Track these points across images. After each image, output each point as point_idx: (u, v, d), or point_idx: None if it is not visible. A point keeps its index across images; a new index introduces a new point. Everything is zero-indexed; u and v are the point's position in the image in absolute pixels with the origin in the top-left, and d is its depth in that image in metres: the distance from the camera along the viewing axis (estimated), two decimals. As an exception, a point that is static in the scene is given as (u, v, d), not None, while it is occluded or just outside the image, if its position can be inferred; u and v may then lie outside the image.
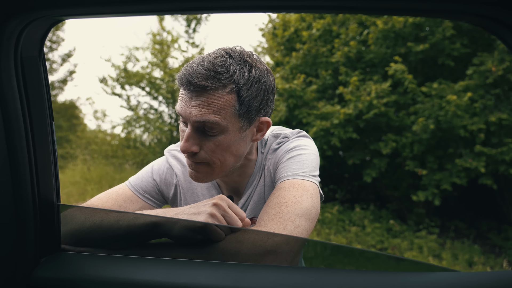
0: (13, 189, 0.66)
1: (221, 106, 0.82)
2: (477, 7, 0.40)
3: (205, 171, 0.90)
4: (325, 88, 6.22)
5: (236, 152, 0.90)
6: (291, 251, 0.76)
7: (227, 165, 0.91)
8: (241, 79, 0.83)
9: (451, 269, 0.65)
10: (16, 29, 0.58)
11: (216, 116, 0.82)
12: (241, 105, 0.84)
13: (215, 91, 0.81)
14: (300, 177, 0.90)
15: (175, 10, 0.62)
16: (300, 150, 0.97)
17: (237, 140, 0.88)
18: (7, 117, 0.63)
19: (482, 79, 4.69)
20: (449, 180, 4.79)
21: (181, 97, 0.86)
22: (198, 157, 0.88)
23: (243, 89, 0.84)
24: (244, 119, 0.87)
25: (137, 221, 0.76)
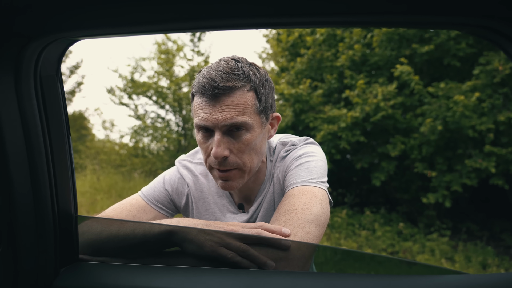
0: (34, 203, 0.68)
1: (245, 105, 0.87)
2: (478, 20, 0.42)
3: (236, 176, 0.93)
4: (331, 92, 6.23)
5: (260, 150, 0.94)
6: (302, 257, 0.77)
7: (254, 165, 0.94)
8: (255, 78, 0.90)
9: (462, 272, 0.66)
10: (36, 50, 0.61)
11: (243, 116, 0.87)
12: (260, 102, 0.91)
13: (238, 91, 0.87)
14: (309, 184, 0.92)
15: (183, 29, 0.65)
16: (308, 157, 0.98)
17: (260, 137, 0.93)
18: (28, 134, 0.66)
19: (489, 79, 4.67)
20: (459, 181, 4.75)
21: (201, 107, 0.88)
22: (229, 163, 0.90)
23: (259, 87, 0.91)
24: (263, 115, 0.93)
25: (152, 230, 0.79)
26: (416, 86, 5.03)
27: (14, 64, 0.61)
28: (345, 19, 0.53)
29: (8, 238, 0.68)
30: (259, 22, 0.60)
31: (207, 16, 0.59)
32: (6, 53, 0.60)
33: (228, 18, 0.60)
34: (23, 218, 0.68)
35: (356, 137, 5.33)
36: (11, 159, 0.65)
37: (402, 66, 5.06)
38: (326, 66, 6.17)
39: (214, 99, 0.86)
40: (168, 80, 9.28)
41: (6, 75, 0.61)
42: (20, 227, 0.68)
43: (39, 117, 0.66)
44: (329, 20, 0.55)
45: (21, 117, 0.64)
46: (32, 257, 0.70)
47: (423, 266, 1.13)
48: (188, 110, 9.46)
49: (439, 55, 5.24)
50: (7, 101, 0.62)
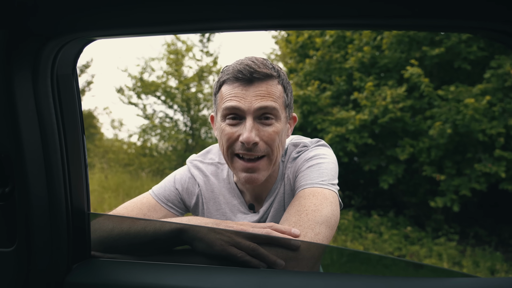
0: (49, 200, 0.70)
1: (277, 94, 0.92)
2: (489, 23, 0.42)
3: (264, 167, 0.94)
4: (339, 94, 6.21)
5: (283, 144, 0.97)
6: (312, 258, 0.77)
7: (279, 157, 0.96)
8: (283, 75, 0.96)
9: (471, 274, 0.66)
10: (53, 50, 0.63)
11: (276, 102, 0.91)
12: (287, 97, 0.96)
13: (272, 80, 0.92)
14: (319, 186, 0.92)
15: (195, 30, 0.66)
16: (319, 159, 0.99)
17: (284, 130, 0.96)
18: (44, 131, 0.67)
19: (500, 82, 4.61)
20: (468, 186, 4.70)
21: (234, 93, 0.91)
22: (259, 149, 0.92)
23: (285, 83, 0.97)
24: (288, 110, 0.98)
25: (162, 228, 0.80)
26: (426, 88, 4.99)
27: (32, 63, 0.63)
28: (356, 21, 0.53)
29: (23, 234, 0.69)
30: (269, 24, 0.60)
31: (220, 18, 0.60)
32: (25, 52, 0.61)
33: (239, 19, 0.60)
34: (38, 214, 0.69)
35: (364, 140, 5.30)
36: (27, 156, 0.66)
37: (412, 68, 5.02)
38: (335, 68, 6.16)
39: (250, 84, 0.90)
40: (177, 80, 9.34)
41: (24, 74, 0.63)
42: (34, 224, 0.69)
43: (55, 115, 0.68)
44: (341, 23, 0.55)
45: (38, 115, 0.66)
46: (45, 253, 0.72)
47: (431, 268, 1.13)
48: (196, 111, 9.50)
49: (450, 58, 5.20)
50: (24, 99, 0.64)
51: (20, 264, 0.71)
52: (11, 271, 0.71)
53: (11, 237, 0.70)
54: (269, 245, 0.75)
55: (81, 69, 14.87)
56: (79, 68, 14.83)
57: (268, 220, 1.04)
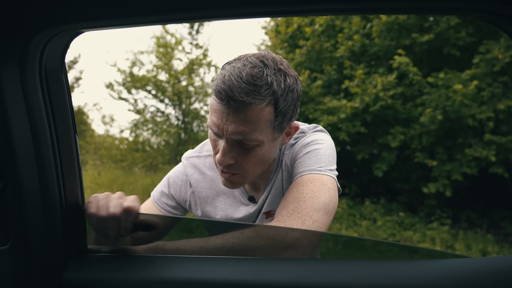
0: (42, 196, 0.69)
1: (258, 121, 0.82)
2: (483, 5, 0.42)
3: (238, 180, 0.92)
4: (331, 83, 6.21)
5: (268, 160, 0.92)
6: (310, 245, 0.78)
7: (257, 172, 0.92)
8: (278, 89, 0.82)
9: (463, 255, 0.67)
10: (41, 43, 0.62)
11: (254, 133, 0.82)
12: (277, 117, 0.84)
13: (255, 106, 0.80)
14: (317, 172, 0.91)
15: (186, 19, 0.65)
16: (317, 144, 0.97)
17: (270, 149, 0.89)
18: (34, 127, 0.66)
19: (489, 67, 4.66)
20: (459, 170, 4.77)
21: (216, 110, 0.83)
22: (232, 168, 0.89)
23: (280, 100, 0.83)
24: (278, 130, 0.87)
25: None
26: (415, 77, 5.02)
27: (19, 57, 0.62)
28: (345, 5, 0.53)
29: (18, 232, 0.69)
30: (258, 11, 0.60)
31: (211, 6, 0.59)
32: (12, 46, 0.60)
33: (230, 7, 0.60)
34: (32, 211, 0.69)
35: (356, 128, 5.33)
36: (19, 153, 0.65)
37: (400, 57, 5.04)
38: (325, 57, 6.15)
39: (228, 109, 0.81)
40: (167, 73, 9.26)
41: (11, 69, 0.62)
42: (29, 220, 0.69)
43: (45, 110, 0.67)
44: (330, 7, 0.55)
45: (27, 110, 0.65)
46: (41, 250, 0.71)
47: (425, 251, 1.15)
48: (187, 104, 9.44)
49: (439, 44, 5.22)
50: (13, 95, 0.63)
51: (16, 261, 0.70)
52: (7, 269, 0.70)
53: (6, 235, 0.70)
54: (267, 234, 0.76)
55: (69, 65, 14.65)
56: (67, 64, 14.58)
57: (265, 206, 1.03)
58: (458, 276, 0.60)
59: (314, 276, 0.62)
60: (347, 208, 5.64)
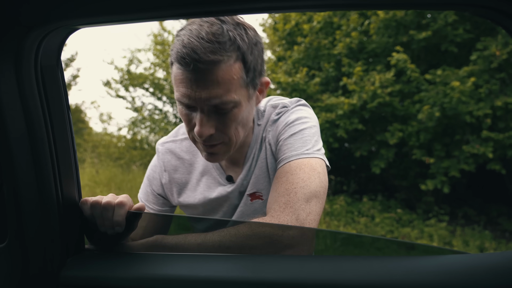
0: (39, 194, 0.69)
1: (230, 80, 0.77)
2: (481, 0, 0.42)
3: (222, 150, 0.87)
4: (328, 80, 6.21)
5: (247, 122, 0.88)
6: (307, 241, 0.78)
7: (240, 138, 0.88)
8: (242, 44, 0.78)
9: (461, 251, 0.67)
10: (36, 40, 0.61)
11: (229, 93, 0.78)
12: (248, 72, 0.80)
13: (223, 64, 0.75)
14: (305, 156, 0.86)
15: (185, 15, 0.64)
16: (302, 124, 0.92)
17: (247, 109, 0.85)
18: (30, 124, 0.66)
19: (486, 64, 4.66)
20: (457, 167, 4.78)
21: (183, 80, 0.78)
22: (214, 139, 0.84)
23: (247, 54, 0.79)
24: (251, 86, 0.83)
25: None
26: (413, 74, 5.03)
27: (15, 54, 0.61)
28: (345, 1, 0.53)
29: (15, 230, 0.68)
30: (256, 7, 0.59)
31: (208, 1, 0.59)
32: (7, 43, 0.60)
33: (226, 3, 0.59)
34: (29, 209, 0.68)
35: (354, 125, 5.34)
36: (14, 150, 0.65)
37: (398, 54, 5.04)
38: (323, 54, 6.15)
39: (196, 74, 0.75)
40: (165, 71, 9.23)
41: (6, 66, 0.61)
42: (26, 218, 0.68)
43: (41, 108, 0.66)
44: (328, 3, 0.54)
45: (23, 107, 0.64)
46: (38, 247, 0.71)
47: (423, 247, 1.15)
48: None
49: (437, 41, 5.23)
50: (8, 92, 0.62)
51: (13, 259, 0.70)
52: (4, 267, 0.70)
53: (2, 233, 0.69)
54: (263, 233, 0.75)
55: (66, 62, 14.59)
56: (63, 62, 14.53)
57: (250, 186, 0.97)
58: (456, 272, 0.60)
59: (312, 273, 0.62)
60: (345, 205, 5.65)
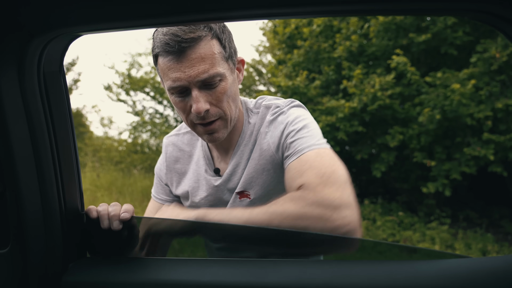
0: (41, 199, 0.69)
1: (212, 54, 0.85)
2: (479, 5, 0.43)
3: (220, 126, 0.93)
4: (329, 83, 6.22)
5: (235, 95, 0.94)
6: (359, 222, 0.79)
7: (233, 112, 0.94)
8: (214, 26, 0.87)
9: (463, 255, 0.67)
10: (39, 47, 0.62)
11: (214, 67, 0.86)
12: (225, 48, 0.89)
13: (202, 41, 0.84)
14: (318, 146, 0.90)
15: (185, 21, 0.65)
16: (303, 120, 0.96)
17: (232, 82, 0.92)
18: (33, 130, 0.66)
19: (486, 66, 4.67)
20: (458, 170, 4.77)
21: (171, 66, 0.85)
22: (211, 114, 0.89)
23: (220, 34, 0.88)
24: (230, 61, 0.92)
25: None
26: (413, 76, 5.03)
27: (18, 60, 0.62)
28: (343, 7, 0.53)
29: (17, 235, 0.68)
30: (259, 13, 0.60)
31: (210, 8, 0.59)
32: (10, 49, 0.60)
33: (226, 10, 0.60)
34: (31, 215, 0.69)
35: (354, 128, 5.33)
36: (17, 156, 0.65)
37: (398, 57, 5.05)
38: (323, 58, 6.15)
39: (181, 54, 0.83)
40: (165, 75, 9.24)
41: (10, 72, 0.62)
42: (28, 224, 0.69)
43: (44, 114, 0.67)
44: (328, 9, 0.55)
45: (26, 114, 0.65)
46: (41, 253, 0.71)
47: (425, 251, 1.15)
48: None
49: (436, 44, 5.23)
50: (11, 98, 0.63)
51: (15, 265, 0.70)
52: (6, 272, 0.70)
53: (5, 239, 0.70)
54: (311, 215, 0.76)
55: (67, 67, 14.63)
56: (65, 66, 14.55)
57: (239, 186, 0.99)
58: (457, 276, 0.60)
59: (314, 277, 0.62)
60: (346, 208, 5.62)
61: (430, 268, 0.63)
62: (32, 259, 0.70)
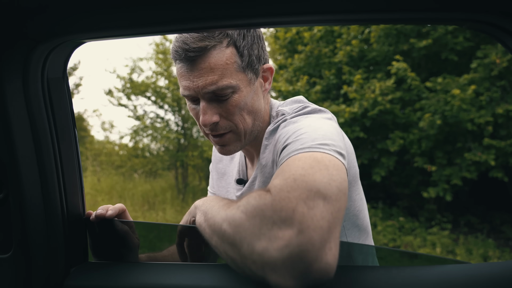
0: (44, 204, 0.70)
1: (224, 64, 0.79)
2: (477, 15, 0.43)
3: (232, 140, 0.86)
4: (329, 88, 6.23)
5: (252, 108, 0.86)
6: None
7: (248, 125, 0.86)
8: (232, 32, 0.81)
9: (464, 261, 0.68)
10: (43, 54, 0.63)
11: (224, 78, 0.79)
12: (242, 57, 0.82)
13: (213, 50, 0.78)
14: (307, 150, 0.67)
15: (187, 29, 0.66)
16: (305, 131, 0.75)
17: (250, 95, 0.84)
18: (36, 135, 0.67)
19: (487, 72, 4.68)
20: (459, 175, 4.77)
21: (182, 74, 0.82)
22: (220, 127, 0.84)
23: (238, 40, 0.81)
24: (250, 71, 0.84)
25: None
26: (413, 82, 5.05)
27: (22, 67, 0.62)
28: (344, 17, 0.54)
29: (20, 240, 0.69)
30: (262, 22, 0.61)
31: (211, 17, 0.60)
32: (15, 56, 0.61)
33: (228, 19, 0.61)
34: (33, 219, 0.69)
35: (355, 133, 5.34)
36: (21, 161, 0.66)
37: (398, 63, 5.07)
38: (324, 63, 6.18)
39: (190, 63, 0.79)
40: (167, 80, 9.28)
41: (14, 78, 0.62)
42: (30, 229, 0.69)
43: (47, 119, 0.68)
44: (329, 18, 0.56)
45: (29, 119, 0.66)
46: (42, 258, 0.72)
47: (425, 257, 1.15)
48: (187, 110, 9.46)
49: (437, 49, 5.25)
50: (16, 104, 0.64)
51: (17, 269, 0.70)
52: (8, 277, 0.71)
53: (7, 243, 0.70)
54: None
55: (68, 71, 14.65)
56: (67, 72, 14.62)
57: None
58: (457, 282, 0.60)
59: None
60: (347, 213, 5.62)
61: (430, 274, 0.63)
62: (34, 264, 0.70)
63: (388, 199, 6.20)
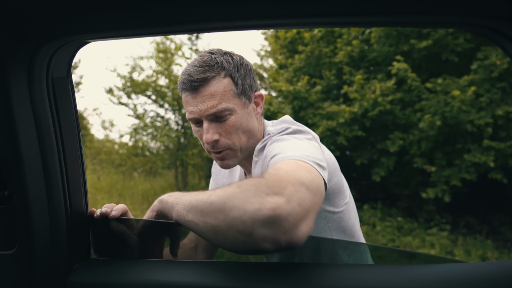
0: (48, 202, 0.71)
1: (222, 92, 0.95)
2: (476, 19, 0.44)
3: (230, 155, 1.00)
4: (330, 88, 6.24)
5: (247, 128, 1.01)
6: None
7: (244, 143, 1.01)
8: (228, 65, 0.98)
9: (462, 261, 0.68)
10: (48, 54, 0.63)
11: (223, 102, 0.95)
12: (237, 85, 0.98)
13: (213, 80, 0.95)
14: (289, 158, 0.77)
15: (189, 30, 0.67)
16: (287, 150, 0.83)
17: (244, 116, 1.00)
18: (41, 134, 0.68)
19: (487, 73, 4.69)
20: (458, 176, 4.78)
21: (188, 101, 0.98)
22: (220, 145, 0.98)
23: (233, 72, 0.98)
24: (243, 97, 1.00)
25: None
26: (413, 83, 5.05)
27: (27, 66, 0.63)
28: (344, 19, 0.55)
29: (24, 236, 0.70)
30: (264, 24, 0.62)
31: (212, 18, 0.61)
32: (20, 56, 0.62)
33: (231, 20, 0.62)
34: (37, 217, 0.70)
35: (354, 132, 5.35)
36: (25, 159, 0.67)
37: (398, 64, 5.08)
38: (324, 63, 6.19)
39: (194, 92, 0.96)
40: (167, 79, 9.28)
41: (19, 78, 0.63)
42: (34, 226, 0.70)
43: (51, 118, 0.68)
44: (329, 21, 0.56)
45: (34, 118, 0.67)
46: (46, 254, 0.73)
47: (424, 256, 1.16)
48: (187, 109, 9.44)
49: (437, 50, 5.26)
50: (20, 103, 0.65)
51: (21, 266, 0.71)
52: (12, 273, 0.72)
53: (12, 240, 0.71)
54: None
55: (69, 70, 14.64)
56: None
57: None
58: (454, 281, 0.61)
59: (311, 281, 0.63)
60: (346, 213, 5.62)
61: (427, 272, 0.64)
62: (38, 260, 0.71)
63: (387, 199, 6.21)
